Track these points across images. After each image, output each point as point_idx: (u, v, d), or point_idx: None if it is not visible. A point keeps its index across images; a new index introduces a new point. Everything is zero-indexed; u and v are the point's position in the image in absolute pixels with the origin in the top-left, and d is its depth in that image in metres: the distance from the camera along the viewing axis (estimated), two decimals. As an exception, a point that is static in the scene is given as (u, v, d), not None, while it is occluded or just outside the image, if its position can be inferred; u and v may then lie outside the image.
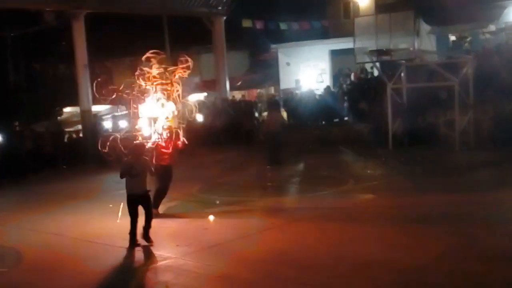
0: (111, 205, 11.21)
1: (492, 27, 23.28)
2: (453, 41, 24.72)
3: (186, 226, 9.99)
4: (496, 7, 23.02)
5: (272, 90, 29.81)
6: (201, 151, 16.88)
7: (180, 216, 10.61)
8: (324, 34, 28.83)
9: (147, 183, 9.07)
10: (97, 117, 21.80)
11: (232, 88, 27.10)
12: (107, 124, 19.88)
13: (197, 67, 29.93)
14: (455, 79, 15.91)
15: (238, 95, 28.79)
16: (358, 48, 17.78)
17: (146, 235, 8.82)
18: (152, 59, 10.09)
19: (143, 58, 10.13)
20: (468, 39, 24.38)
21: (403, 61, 17.30)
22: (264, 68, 30.15)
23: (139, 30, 26.42)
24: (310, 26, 29.76)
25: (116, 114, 20.14)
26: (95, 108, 21.29)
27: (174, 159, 10.56)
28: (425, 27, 22.18)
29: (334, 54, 27.34)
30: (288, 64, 28.14)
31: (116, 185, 11.32)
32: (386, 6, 21.98)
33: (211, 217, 10.29)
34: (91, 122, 19.78)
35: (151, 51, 10.11)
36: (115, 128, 19.29)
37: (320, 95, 23.92)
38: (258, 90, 30.15)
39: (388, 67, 18.60)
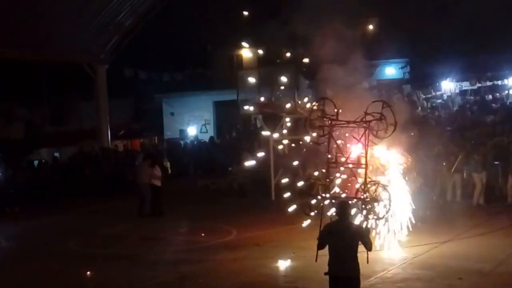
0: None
1: (365, 84, 24.81)
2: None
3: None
4: (368, 65, 24.62)
5: (156, 139, 29.40)
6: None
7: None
8: (208, 86, 29.12)
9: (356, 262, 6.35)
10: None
11: (114, 137, 26.36)
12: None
13: (77, 115, 29.11)
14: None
15: (120, 144, 28.03)
16: (242, 100, 18.10)
17: None
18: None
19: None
20: (344, 94, 25.77)
21: (284, 114, 17.79)
22: (148, 118, 29.75)
23: (13, 75, 25.07)
24: (194, 77, 29.98)
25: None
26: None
27: None
28: (304, 82, 23.10)
29: (218, 105, 27.64)
30: (172, 114, 28.02)
31: None
32: (268, 61, 22.72)
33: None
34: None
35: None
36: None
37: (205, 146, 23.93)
38: (142, 140, 29.59)
39: (271, 119, 19.00)
